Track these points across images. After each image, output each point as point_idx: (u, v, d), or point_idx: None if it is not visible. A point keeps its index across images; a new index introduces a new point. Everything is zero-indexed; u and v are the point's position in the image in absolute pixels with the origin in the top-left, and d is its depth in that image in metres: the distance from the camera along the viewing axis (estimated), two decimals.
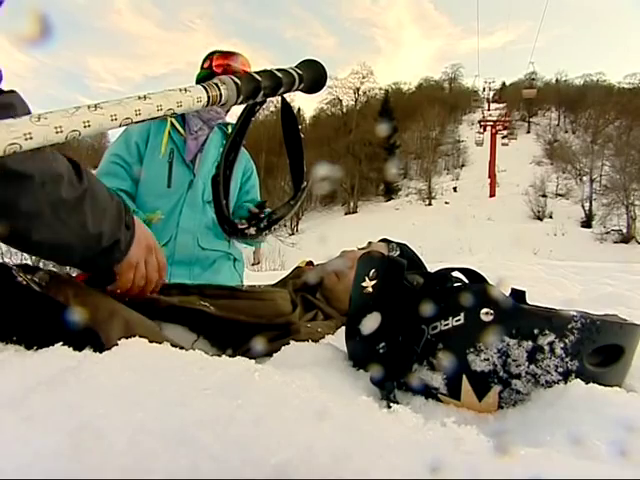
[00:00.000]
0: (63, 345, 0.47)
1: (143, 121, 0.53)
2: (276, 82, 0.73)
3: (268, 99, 0.76)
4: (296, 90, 0.78)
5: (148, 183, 1.69)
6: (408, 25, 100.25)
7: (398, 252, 1.19)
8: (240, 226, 0.80)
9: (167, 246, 1.63)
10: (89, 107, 0.48)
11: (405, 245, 1.23)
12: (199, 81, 1.83)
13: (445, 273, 0.68)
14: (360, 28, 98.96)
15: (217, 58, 1.81)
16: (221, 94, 0.63)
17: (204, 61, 1.84)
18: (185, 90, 0.59)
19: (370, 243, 1.24)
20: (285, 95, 0.78)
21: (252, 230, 0.79)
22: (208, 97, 0.61)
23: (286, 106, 0.83)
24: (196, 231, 1.67)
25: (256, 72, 0.71)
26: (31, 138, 0.43)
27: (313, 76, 0.81)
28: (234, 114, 1.83)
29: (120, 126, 0.51)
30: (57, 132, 0.44)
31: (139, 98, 0.53)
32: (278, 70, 0.75)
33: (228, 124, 1.83)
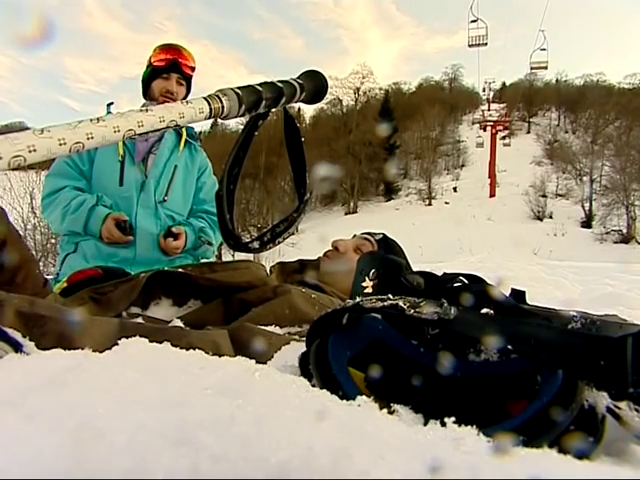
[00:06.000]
0: None
1: (146, 133, 0.54)
2: (278, 93, 0.73)
3: (270, 113, 0.76)
4: (297, 101, 0.78)
5: (101, 182, 1.71)
6: (372, 26, 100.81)
7: (381, 237, 1.21)
8: (244, 240, 0.80)
9: (128, 247, 1.64)
10: (92, 120, 0.48)
11: (387, 236, 1.24)
12: (144, 80, 1.81)
13: (451, 277, 0.68)
14: (326, 29, 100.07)
15: (157, 53, 1.77)
16: (223, 106, 0.63)
17: (149, 59, 1.80)
18: (187, 102, 0.59)
19: (355, 236, 1.25)
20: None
21: (256, 244, 0.79)
22: (210, 109, 0.61)
23: (288, 118, 0.83)
24: (154, 232, 1.68)
25: (257, 84, 0.71)
26: (35, 151, 0.43)
27: (314, 87, 0.81)
28: None
29: (124, 138, 0.51)
30: (60, 144, 0.45)
31: (141, 111, 0.53)
32: (279, 81, 0.75)
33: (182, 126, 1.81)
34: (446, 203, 33.82)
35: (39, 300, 0.62)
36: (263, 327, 0.76)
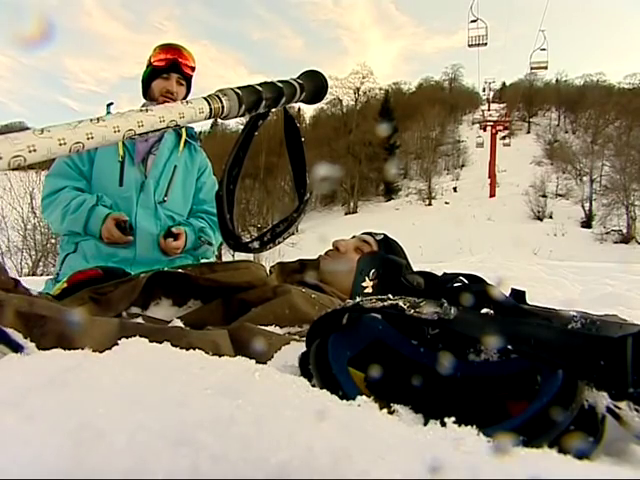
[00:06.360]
0: None
1: (146, 133, 0.54)
2: (278, 93, 0.73)
3: (270, 113, 0.76)
4: (297, 101, 0.78)
5: (101, 182, 1.71)
6: (372, 26, 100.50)
7: (382, 237, 1.21)
8: (244, 240, 0.80)
9: (128, 248, 1.65)
10: (92, 120, 0.48)
11: (388, 236, 1.24)
12: (144, 80, 1.81)
13: (451, 277, 0.68)
14: (326, 29, 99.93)
15: (157, 53, 1.77)
16: (223, 106, 0.63)
17: (149, 59, 1.80)
18: (187, 102, 0.59)
19: (354, 236, 1.25)
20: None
21: (256, 244, 0.79)
22: (210, 109, 0.61)
23: (288, 118, 0.83)
24: (154, 232, 1.68)
25: (257, 84, 0.72)
26: (35, 151, 0.43)
27: (314, 87, 0.81)
28: None
29: (124, 138, 0.51)
30: (60, 144, 0.45)
31: (141, 111, 0.53)
32: (279, 81, 0.75)
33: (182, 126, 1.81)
34: (446, 203, 33.82)
35: (39, 300, 0.62)
36: (263, 327, 0.76)
